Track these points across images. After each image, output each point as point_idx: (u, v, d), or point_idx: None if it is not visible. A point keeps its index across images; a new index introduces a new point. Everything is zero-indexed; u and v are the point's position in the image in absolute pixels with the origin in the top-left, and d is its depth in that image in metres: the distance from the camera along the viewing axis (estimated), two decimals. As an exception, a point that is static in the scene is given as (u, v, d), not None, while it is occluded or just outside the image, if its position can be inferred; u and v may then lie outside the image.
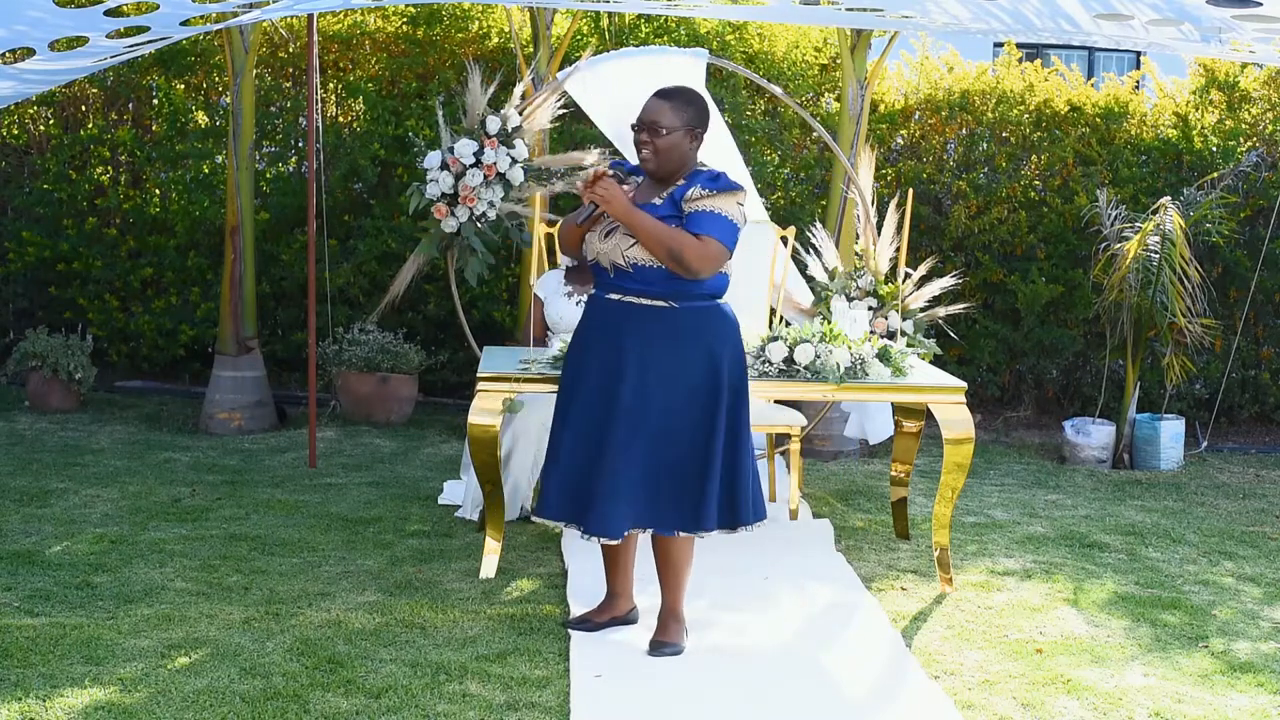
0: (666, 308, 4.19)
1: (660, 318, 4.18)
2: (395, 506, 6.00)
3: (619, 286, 4.22)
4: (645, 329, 4.18)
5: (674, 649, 4.26)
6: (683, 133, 4.17)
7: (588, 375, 4.24)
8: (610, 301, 4.24)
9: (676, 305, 4.19)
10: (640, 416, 4.16)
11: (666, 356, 4.17)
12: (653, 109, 4.18)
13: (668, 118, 4.16)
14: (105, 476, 6.40)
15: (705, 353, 4.20)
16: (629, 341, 4.17)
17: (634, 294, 4.19)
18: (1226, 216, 7.84)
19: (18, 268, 8.74)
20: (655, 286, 4.17)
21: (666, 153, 4.17)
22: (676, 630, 4.32)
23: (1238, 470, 7.49)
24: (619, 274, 4.20)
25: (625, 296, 4.21)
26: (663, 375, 4.17)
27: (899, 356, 5.08)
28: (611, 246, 4.18)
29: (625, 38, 8.32)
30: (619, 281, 4.21)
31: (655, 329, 4.18)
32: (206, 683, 3.88)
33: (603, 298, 4.27)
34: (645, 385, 4.16)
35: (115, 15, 5.04)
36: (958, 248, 8.41)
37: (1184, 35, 5.50)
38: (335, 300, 8.18)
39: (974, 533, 5.87)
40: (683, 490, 4.20)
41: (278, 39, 8.67)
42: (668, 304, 4.18)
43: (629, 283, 4.19)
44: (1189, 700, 4.02)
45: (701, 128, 4.23)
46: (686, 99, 4.22)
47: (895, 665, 4.23)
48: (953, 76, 8.61)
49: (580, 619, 4.47)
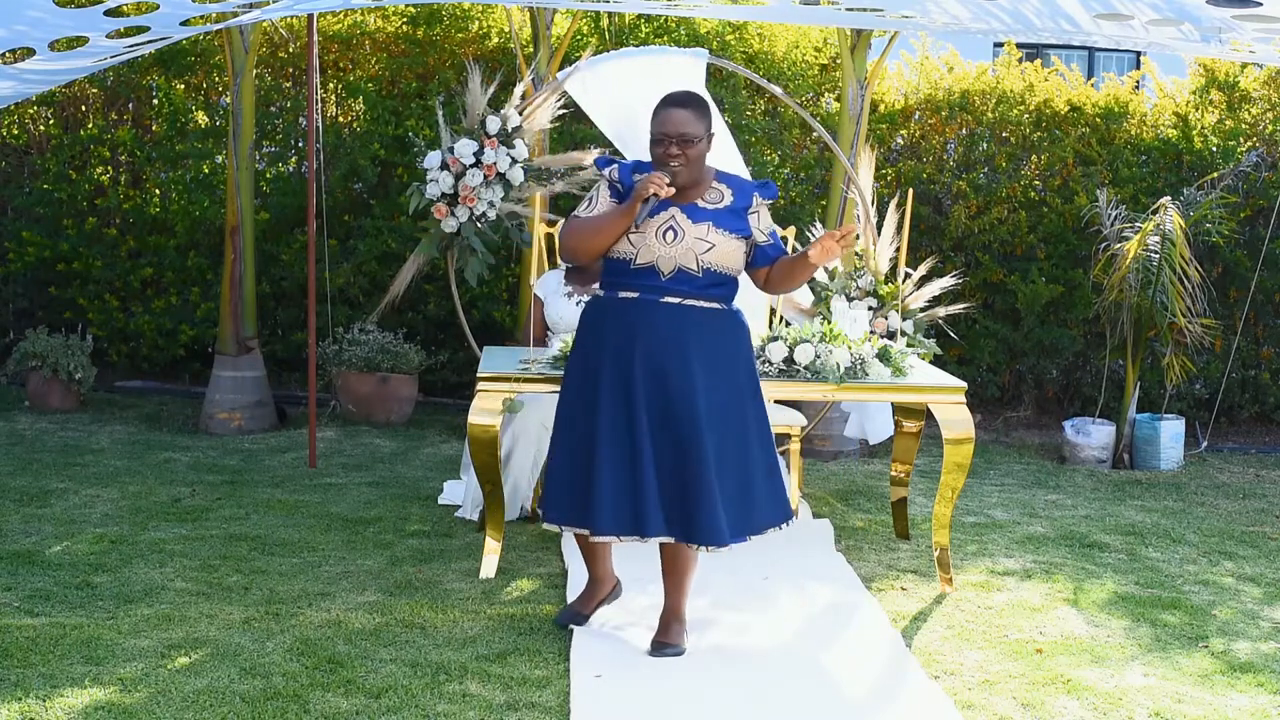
0: (722, 310, 4.24)
1: (717, 319, 4.22)
2: (395, 506, 6.00)
3: (676, 289, 4.16)
4: (706, 331, 4.19)
5: (675, 650, 4.26)
6: (706, 139, 4.21)
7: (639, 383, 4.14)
8: (669, 305, 4.16)
9: (727, 308, 4.26)
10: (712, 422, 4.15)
11: (724, 356, 4.21)
12: (680, 120, 4.15)
13: (694, 127, 4.15)
14: (105, 476, 6.40)
15: (747, 351, 4.30)
16: (690, 344, 4.15)
17: (694, 297, 4.17)
18: (1226, 216, 7.84)
19: (18, 268, 8.74)
20: (716, 290, 4.21)
21: (697, 161, 4.19)
22: (679, 631, 4.32)
23: (1238, 470, 7.49)
24: (680, 277, 4.15)
25: (685, 299, 4.17)
26: (723, 376, 4.20)
27: (899, 356, 5.08)
28: (683, 251, 4.14)
29: (625, 38, 8.32)
30: (674, 285, 4.15)
31: (713, 330, 4.20)
32: (206, 683, 3.88)
33: (656, 301, 4.16)
34: (713, 387, 4.17)
35: (115, 15, 5.04)
36: (958, 248, 8.41)
37: (1184, 35, 5.50)
38: (335, 300, 8.19)
39: (974, 533, 5.87)
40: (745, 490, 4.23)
41: (278, 39, 8.67)
42: (723, 306, 4.24)
43: (689, 286, 4.16)
44: (1189, 700, 4.02)
45: (711, 129, 4.28)
46: (701, 103, 4.23)
47: (895, 665, 4.23)
48: (953, 76, 8.61)
49: (570, 612, 4.47)
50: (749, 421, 4.25)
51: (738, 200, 4.24)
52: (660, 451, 4.13)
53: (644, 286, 4.18)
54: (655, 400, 4.13)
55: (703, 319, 4.19)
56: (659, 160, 4.17)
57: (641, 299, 4.18)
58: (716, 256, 4.16)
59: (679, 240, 4.15)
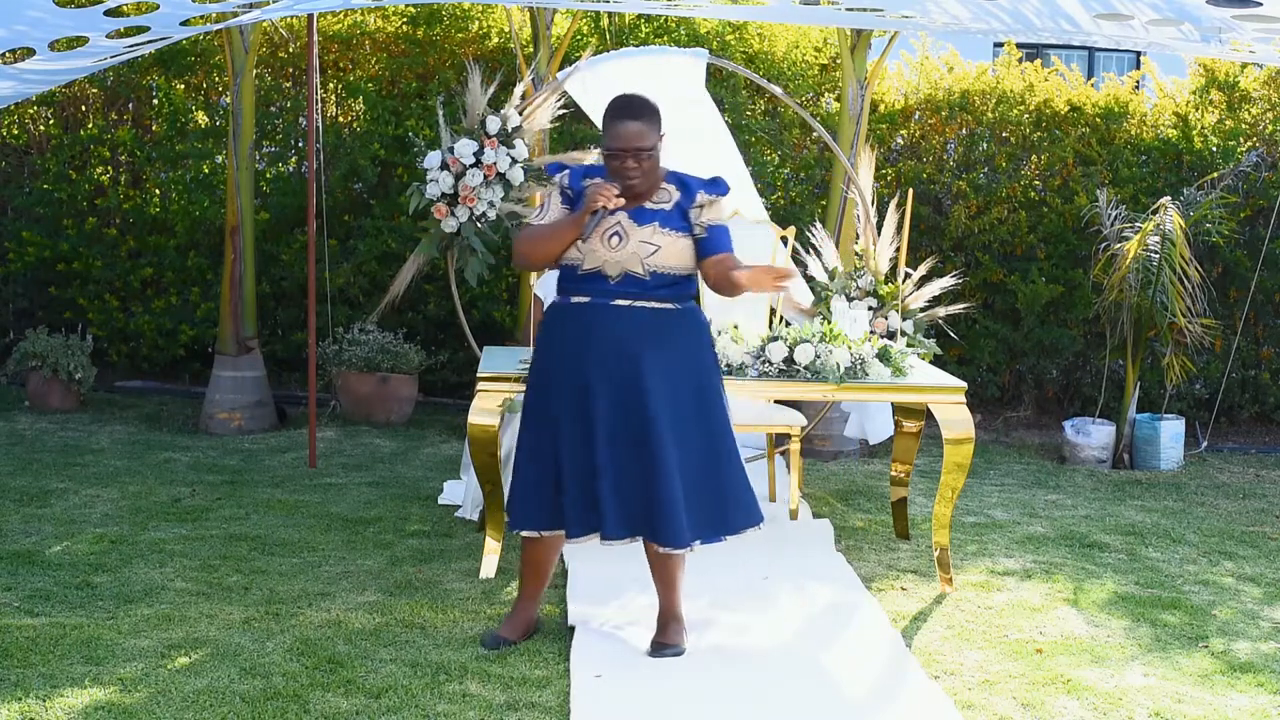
0: (675, 309, 4.21)
1: (671, 319, 4.19)
2: (395, 506, 6.00)
3: (626, 292, 4.15)
4: (661, 331, 4.17)
5: (675, 650, 4.25)
6: (659, 147, 4.18)
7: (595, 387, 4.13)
8: (619, 308, 4.15)
9: (680, 306, 4.23)
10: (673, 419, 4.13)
11: (680, 356, 4.19)
12: (634, 134, 4.12)
13: (648, 139, 4.13)
14: (105, 476, 6.40)
15: (706, 350, 4.28)
16: (644, 346, 4.14)
17: (645, 298, 4.16)
18: (1226, 216, 7.84)
19: (18, 268, 8.74)
20: (663, 290, 4.18)
21: (652, 171, 4.17)
22: (677, 631, 4.31)
23: (1238, 470, 7.49)
24: (629, 281, 4.15)
25: (638, 301, 4.15)
26: (681, 376, 4.18)
27: (899, 356, 5.07)
28: (628, 255, 4.13)
29: (625, 38, 8.32)
30: (623, 288, 4.15)
31: (668, 330, 4.18)
32: (206, 683, 3.88)
33: (607, 305, 4.16)
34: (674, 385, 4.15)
35: (115, 15, 5.04)
36: (958, 248, 8.41)
37: (1184, 35, 5.50)
38: (335, 300, 8.18)
39: (974, 533, 5.87)
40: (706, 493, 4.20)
41: (278, 39, 8.66)
42: (675, 305, 4.21)
43: (639, 288, 4.15)
44: (1189, 700, 4.02)
45: (662, 133, 4.23)
46: (652, 111, 4.18)
47: (895, 665, 4.23)
48: (953, 76, 8.61)
49: (496, 637, 4.29)
50: (712, 420, 4.22)
51: (684, 199, 4.21)
52: (619, 454, 4.11)
53: (594, 291, 4.17)
54: (612, 403, 4.11)
55: (655, 320, 4.16)
56: (615, 173, 4.14)
57: (593, 303, 4.17)
58: (662, 258, 4.14)
59: (624, 244, 4.13)
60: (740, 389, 5.02)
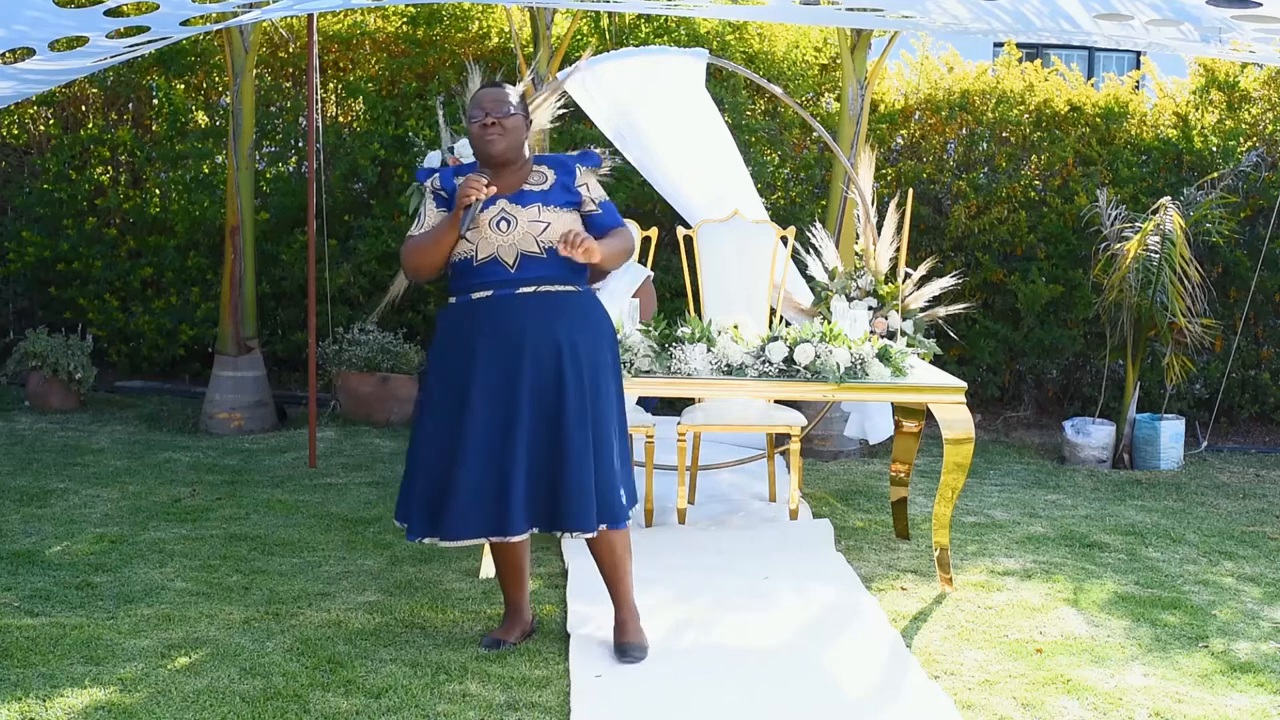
0: (576, 292, 4.15)
1: (571, 301, 4.13)
2: (395, 506, 5.99)
3: (526, 279, 4.06)
4: (565, 315, 4.09)
5: (639, 648, 4.17)
6: (520, 117, 4.17)
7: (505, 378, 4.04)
8: (522, 296, 4.06)
9: (582, 289, 4.18)
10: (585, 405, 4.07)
11: (586, 339, 4.12)
12: (493, 94, 4.17)
13: (508, 103, 4.15)
14: (105, 476, 6.40)
15: (607, 333, 4.21)
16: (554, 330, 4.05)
17: (548, 283, 4.08)
18: (1226, 216, 7.84)
19: (18, 268, 8.74)
20: (562, 271, 4.11)
21: (513, 134, 4.13)
22: (636, 628, 4.25)
23: (1238, 470, 7.49)
24: (528, 263, 4.06)
25: (541, 287, 4.07)
26: (589, 357, 4.11)
27: (899, 356, 5.07)
28: (521, 235, 4.06)
29: (625, 38, 8.32)
30: (524, 274, 4.06)
31: (572, 314, 4.11)
32: (206, 683, 3.88)
33: (512, 295, 4.06)
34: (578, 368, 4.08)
35: (115, 15, 5.04)
36: (958, 248, 8.41)
37: (1184, 35, 5.50)
38: (335, 300, 8.19)
39: (974, 533, 5.87)
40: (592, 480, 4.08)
41: (278, 39, 8.67)
42: (577, 288, 4.16)
43: (540, 270, 4.07)
44: (1189, 700, 4.02)
45: (528, 118, 4.24)
46: (509, 89, 4.23)
47: (895, 665, 4.23)
48: (953, 76, 8.62)
49: (493, 639, 4.28)
50: (612, 406, 4.18)
51: (560, 176, 4.18)
52: (534, 446, 4.04)
53: (494, 283, 4.08)
54: (526, 395, 4.04)
55: (561, 303, 4.09)
56: (478, 140, 4.13)
57: (495, 296, 4.08)
58: (554, 234, 4.07)
59: (513, 227, 4.07)
60: (740, 389, 5.03)
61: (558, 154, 4.29)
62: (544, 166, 4.22)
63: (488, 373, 4.06)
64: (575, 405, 4.05)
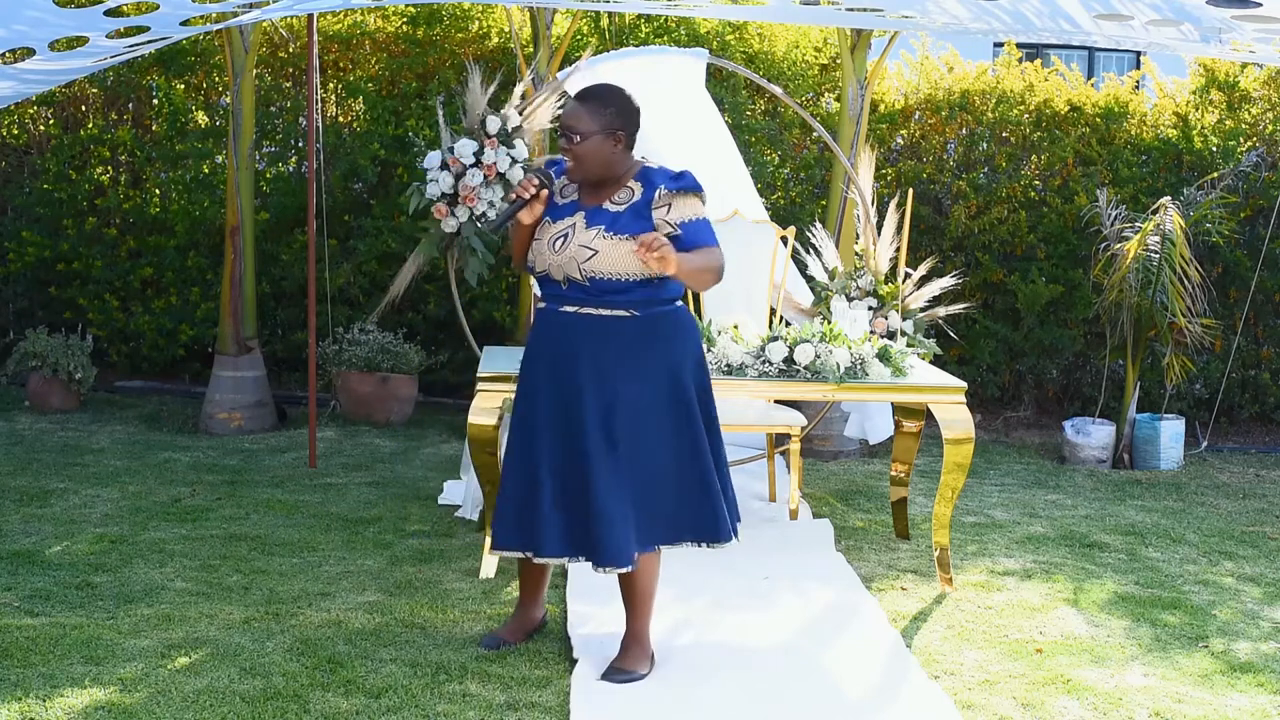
0: (629, 317, 3.98)
1: (623, 328, 3.98)
2: (395, 506, 6.00)
3: (575, 299, 4.00)
4: (608, 341, 3.97)
5: (632, 676, 4.04)
6: (601, 137, 3.99)
7: (547, 393, 4.02)
8: (567, 315, 4.01)
9: (639, 314, 3.99)
10: (613, 432, 3.96)
11: (629, 366, 3.97)
12: (570, 113, 4.00)
13: (584, 122, 3.98)
14: (105, 476, 6.40)
15: (666, 358, 4.02)
16: (588, 354, 3.96)
17: (593, 305, 3.98)
18: (1226, 216, 7.84)
19: (18, 268, 8.74)
20: (616, 297, 3.97)
21: (586, 158, 3.99)
22: (639, 656, 4.11)
23: (1238, 470, 7.49)
24: (574, 287, 3.98)
25: (583, 309, 3.98)
26: (628, 386, 3.97)
27: (899, 356, 5.08)
28: (567, 259, 3.96)
29: (625, 38, 8.32)
30: (573, 294, 3.99)
31: (617, 340, 3.97)
32: (206, 683, 3.88)
33: (557, 310, 4.04)
34: (615, 398, 3.96)
35: (115, 15, 5.04)
36: (958, 248, 8.41)
37: (1184, 35, 5.50)
38: (335, 300, 8.19)
39: (974, 533, 5.87)
40: (665, 502, 4.02)
41: (278, 39, 8.67)
42: (629, 313, 3.98)
43: (585, 295, 3.98)
44: (1189, 700, 4.02)
45: (624, 129, 4.03)
46: (603, 100, 4.03)
47: (895, 665, 4.23)
48: (953, 76, 8.61)
49: (496, 638, 4.28)
50: (668, 433, 4.01)
51: (644, 195, 4.00)
52: (558, 468, 3.98)
53: (549, 296, 4.06)
54: (557, 414, 3.99)
55: (602, 327, 3.97)
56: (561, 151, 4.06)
57: (548, 309, 4.07)
58: (600, 264, 3.92)
59: (565, 247, 3.96)
60: (740, 389, 5.03)
61: (659, 170, 4.07)
62: (637, 182, 4.04)
63: (532, 384, 4.07)
64: (602, 431, 3.95)
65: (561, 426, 4.00)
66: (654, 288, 4.01)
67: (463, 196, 5.93)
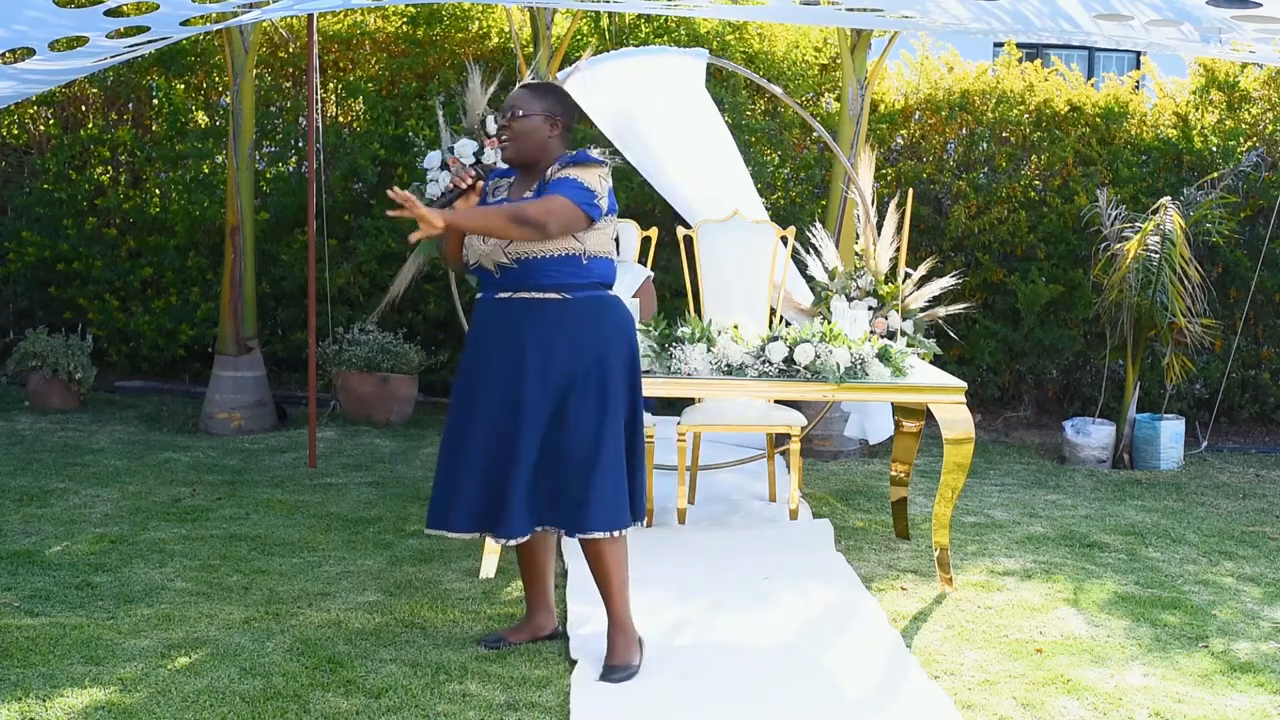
0: (559, 299, 4.07)
1: (552, 310, 4.07)
2: (395, 506, 6.00)
3: (506, 284, 4.09)
4: (540, 323, 4.06)
5: (626, 672, 4.04)
6: (541, 118, 4.12)
7: (489, 378, 4.09)
8: (500, 300, 4.11)
9: (569, 296, 4.08)
10: (538, 411, 4.04)
11: (561, 349, 4.05)
12: (515, 95, 4.18)
13: (524, 103, 4.13)
14: (105, 476, 6.40)
15: (597, 343, 4.09)
16: (526, 338, 4.05)
17: (525, 289, 4.07)
18: (1226, 216, 7.84)
19: (18, 268, 8.74)
20: (544, 279, 4.05)
21: (523, 137, 4.10)
22: (625, 647, 4.12)
23: (1238, 470, 7.49)
24: (504, 272, 4.08)
25: (516, 293, 4.08)
26: (558, 368, 4.05)
27: (899, 356, 5.07)
28: (492, 246, 4.06)
29: (625, 38, 8.32)
30: (505, 280, 4.09)
31: (550, 322, 4.06)
32: (206, 683, 3.88)
33: (491, 299, 4.13)
34: (544, 380, 4.04)
35: (115, 15, 5.04)
36: (958, 248, 8.41)
37: (1184, 35, 5.50)
38: (335, 300, 8.19)
39: (974, 533, 5.87)
40: (581, 486, 4.04)
41: (278, 39, 8.67)
42: (559, 295, 4.06)
43: (516, 279, 4.07)
44: (1189, 700, 4.02)
45: (561, 117, 4.15)
46: (546, 89, 4.20)
47: (895, 665, 4.23)
48: (953, 76, 8.62)
49: (497, 636, 4.31)
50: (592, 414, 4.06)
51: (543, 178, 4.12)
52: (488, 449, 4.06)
53: (484, 285, 4.16)
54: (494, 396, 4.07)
55: (538, 310, 4.05)
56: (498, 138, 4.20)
57: (484, 298, 4.17)
58: (520, 246, 4.03)
59: (489, 239, 4.07)
60: (740, 389, 5.03)
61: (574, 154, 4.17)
62: (554, 166, 4.13)
63: (488, 371, 4.10)
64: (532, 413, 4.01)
65: (497, 409, 4.06)
66: (580, 269, 4.08)
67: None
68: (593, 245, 4.09)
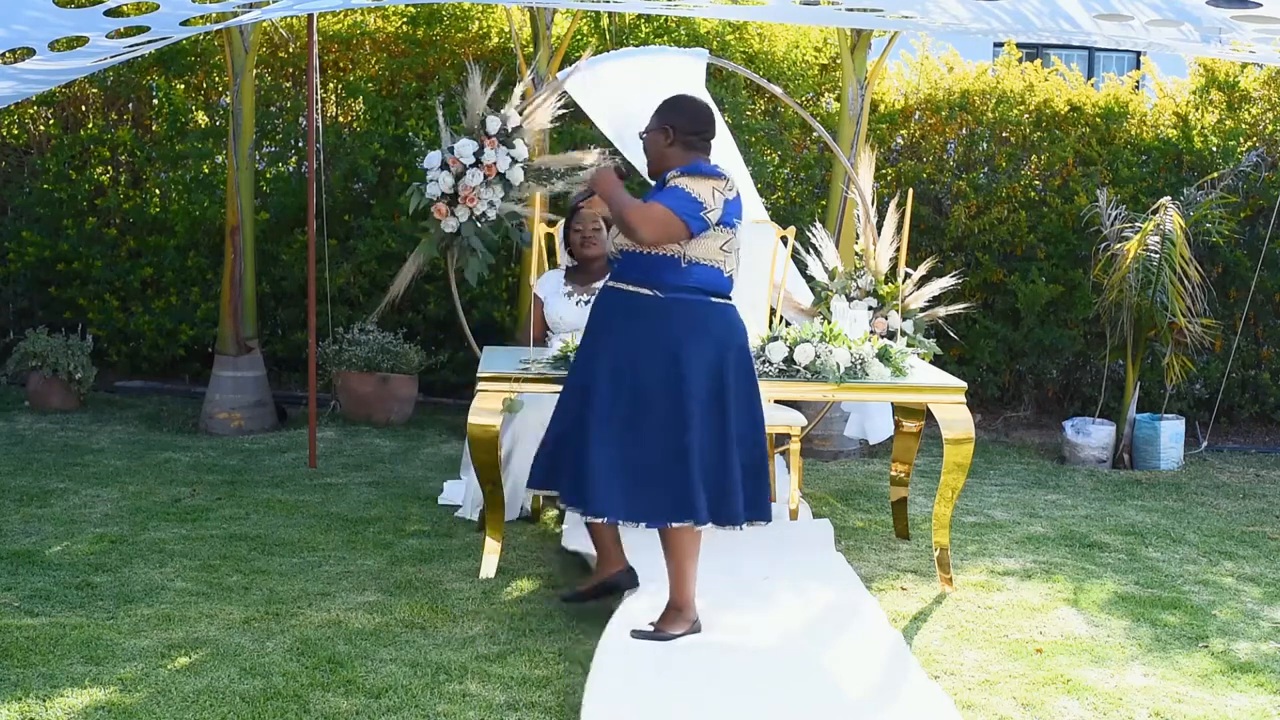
0: (650, 296, 4.25)
1: (646, 306, 4.26)
2: (395, 506, 6.00)
3: (616, 273, 4.36)
4: (634, 316, 4.26)
5: (663, 635, 4.28)
6: (658, 132, 4.37)
7: (599, 360, 4.31)
8: (608, 288, 4.38)
9: (661, 295, 4.24)
10: (628, 403, 4.24)
11: (648, 346, 4.23)
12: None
13: (649, 119, 4.42)
14: (105, 476, 6.40)
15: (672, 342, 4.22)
16: (622, 327, 4.27)
17: (626, 280, 4.30)
18: (1226, 216, 7.84)
19: (18, 268, 8.74)
20: (639, 274, 4.27)
21: (647, 151, 4.45)
22: (674, 621, 4.34)
23: (1238, 470, 7.49)
24: (615, 261, 4.37)
25: (618, 283, 4.33)
26: (645, 364, 4.22)
27: (899, 356, 5.08)
28: (613, 234, 4.39)
29: (625, 38, 8.32)
30: (616, 269, 4.36)
31: (642, 316, 4.25)
32: (206, 683, 3.88)
33: (607, 285, 4.41)
34: (635, 372, 4.23)
35: (115, 15, 5.04)
36: (958, 248, 8.41)
37: (1184, 35, 5.50)
38: (335, 300, 8.19)
39: (974, 533, 5.87)
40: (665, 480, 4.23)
41: (278, 39, 8.67)
42: (651, 293, 4.25)
43: (621, 270, 4.33)
44: (1189, 700, 4.02)
45: (677, 127, 4.34)
46: (672, 103, 4.42)
47: (895, 665, 4.23)
48: (953, 76, 8.62)
49: (573, 593, 4.62)
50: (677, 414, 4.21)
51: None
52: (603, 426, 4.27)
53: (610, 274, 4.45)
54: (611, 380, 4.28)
55: (633, 303, 4.26)
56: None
57: (604, 284, 4.45)
58: (624, 238, 4.30)
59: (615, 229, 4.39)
60: (740, 389, 5.02)
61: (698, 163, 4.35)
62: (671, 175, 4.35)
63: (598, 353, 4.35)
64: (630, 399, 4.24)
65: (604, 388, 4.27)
66: (678, 271, 4.24)
67: (463, 196, 5.93)
68: (695, 251, 4.24)
